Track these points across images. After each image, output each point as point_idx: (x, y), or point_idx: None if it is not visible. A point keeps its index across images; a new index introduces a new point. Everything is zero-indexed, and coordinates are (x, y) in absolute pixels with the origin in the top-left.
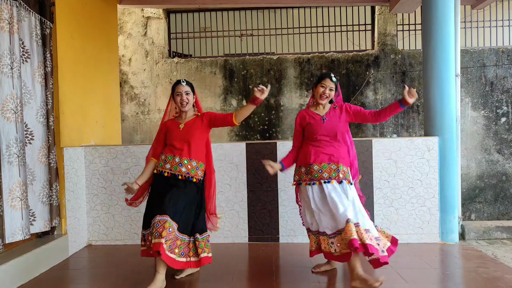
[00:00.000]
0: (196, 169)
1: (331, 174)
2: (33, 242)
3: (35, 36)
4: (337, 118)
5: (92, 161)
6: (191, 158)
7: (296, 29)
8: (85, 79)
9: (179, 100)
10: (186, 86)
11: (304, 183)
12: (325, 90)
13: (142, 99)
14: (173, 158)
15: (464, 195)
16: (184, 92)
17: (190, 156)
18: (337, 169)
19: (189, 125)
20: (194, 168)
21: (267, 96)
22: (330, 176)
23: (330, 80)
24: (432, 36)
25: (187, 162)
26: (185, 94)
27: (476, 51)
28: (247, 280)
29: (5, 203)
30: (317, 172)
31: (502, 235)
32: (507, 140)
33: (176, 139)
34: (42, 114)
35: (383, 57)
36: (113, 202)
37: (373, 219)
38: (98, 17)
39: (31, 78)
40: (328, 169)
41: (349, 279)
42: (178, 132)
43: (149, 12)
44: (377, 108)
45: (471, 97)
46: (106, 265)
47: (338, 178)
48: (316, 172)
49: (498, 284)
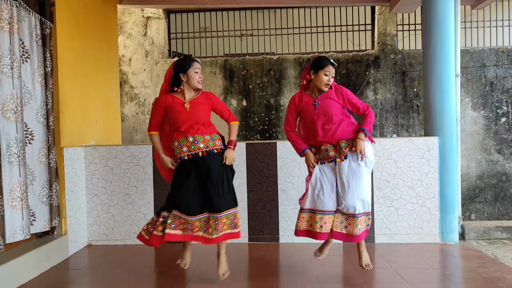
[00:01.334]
0: (213, 140)
1: (337, 153)
2: (33, 242)
3: (35, 36)
4: (329, 100)
5: (92, 161)
6: (202, 134)
7: (296, 29)
8: (85, 79)
9: (197, 78)
10: (198, 63)
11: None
12: (329, 78)
13: (142, 99)
14: (186, 139)
15: (464, 195)
16: (199, 70)
17: (202, 133)
18: (340, 147)
19: (195, 104)
20: (210, 141)
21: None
22: (336, 155)
23: (332, 66)
24: (432, 36)
25: (201, 138)
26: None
27: (476, 51)
28: (247, 280)
29: (5, 203)
30: (324, 151)
31: (502, 235)
32: (507, 140)
33: (184, 121)
34: (42, 114)
35: (383, 57)
36: (113, 202)
37: (373, 219)
38: (98, 17)
39: (31, 78)
40: (333, 149)
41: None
42: (184, 112)
43: (149, 12)
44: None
45: (471, 97)
46: (106, 265)
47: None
48: (323, 152)
49: (498, 284)
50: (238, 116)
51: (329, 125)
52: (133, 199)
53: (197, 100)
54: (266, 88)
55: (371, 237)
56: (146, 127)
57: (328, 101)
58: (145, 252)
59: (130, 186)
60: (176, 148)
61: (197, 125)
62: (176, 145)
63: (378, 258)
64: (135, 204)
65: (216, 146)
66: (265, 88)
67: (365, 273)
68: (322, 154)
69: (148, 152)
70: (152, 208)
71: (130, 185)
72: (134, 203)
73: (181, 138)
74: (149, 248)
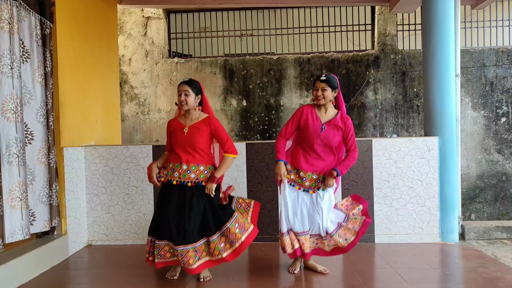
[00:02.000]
0: (205, 173)
1: (311, 184)
2: (33, 242)
3: (35, 36)
4: (335, 130)
5: (92, 161)
6: (198, 164)
7: (296, 29)
8: (85, 79)
9: (178, 100)
10: (185, 85)
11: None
12: (318, 93)
13: (142, 99)
14: (180, 166)
15: (464, 195)
16: (183, 92)
17: (197, 162)
18: (318, 179)
19: (193, 129)
20: (202, 173)
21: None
22: (310, 185)
23: (319, 81)
24: (432, 36)
25: (195, 168)
26: (184, 94)
27: (476, 51)
28: (247, 280)
29: (5, 203)
30: (301, 179)
31: (502, 235)
32: (507, 140)
33: (181, 146)
34: (42, 114)
35: (383, 57)
36: (113, 202)
37: (373, 219)
38: (98, 17)
39: (31, 78)
40: (311, 178)
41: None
42: (182, 137)
43: (149, 12)
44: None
45: (471, 97)
46: (106, 265)
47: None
48: (300, 179)
49: (498, 284)
50: (238, 116)
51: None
52: (133, 199)
53: (197, 126)
54: (266, 88)
55: (371, 237)
56: (146, 127)
57: (332, 131)
58: (144, 252)
59: (130, 186)
60: (169, 170)
61: (194, 153)
62: (170, 166)
63: (378, 258)
64: (135, 204)
65: (206, 178)
66: (265, 88)
67: (365, 273)
68: (298, 180)
69: (148, 152)
70: (151, 208)
71: (130, 185)
72: (134, 203)
73: (176, 163)
74: None
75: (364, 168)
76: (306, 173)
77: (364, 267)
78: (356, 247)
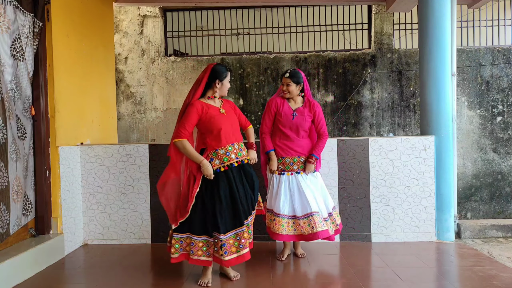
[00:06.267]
0: (245, 149)
1: (300, 167)
2: (29, 241)
3: (29, 35)
4: (304, 116)
5: (88, 160)
6: (238, 141)
7: (293, 27)
8: (80, 77)
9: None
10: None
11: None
12: (283, 87)
13: (139, 97)
14: (232, 146)
15: (460, 194)
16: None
17: (239, 139)
18: (305, 162)
19: (227, 109)
20: (244, 149)
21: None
22: (299, 168)
23: (284, 77)
24: (428, 35)
25: (243, 146)
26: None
27: (472, 50)
28: (246, 280)
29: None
30: (289, 164)
31: (498, 233)
32: (503, 139)
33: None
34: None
35: (379, 56)
36: (109, 201)
37: (369, 217)
38: (94, 16)
39: (26, 77)
40: (298, 162)
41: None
42: (223, 118)
43: (145, 11)
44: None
45: (467, 96)
46: (102, 265)
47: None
48: (287, 164)
49: (493, 283)
50: None
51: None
52: (129, 198)
53: (225, 107)
54: (263, 87)
55: (367, 236)
56: (142, 126)
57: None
58: (141, 251)
59: (126, 185)
60: (224, 156)
61: (235, 131)
62: (222, 153)
63: (374, 256)
64: (132, 203)
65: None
66: (262, 87)
67: (362, 272)
68: (286, 166)
69: (144, 151)
70: (148, 207)
71: (126, 184)
72: (131, 202)
73: (228, 145)
74: (145, 248)
75: (361, 167)
76: (292, 158)
77: (360, 265)
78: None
